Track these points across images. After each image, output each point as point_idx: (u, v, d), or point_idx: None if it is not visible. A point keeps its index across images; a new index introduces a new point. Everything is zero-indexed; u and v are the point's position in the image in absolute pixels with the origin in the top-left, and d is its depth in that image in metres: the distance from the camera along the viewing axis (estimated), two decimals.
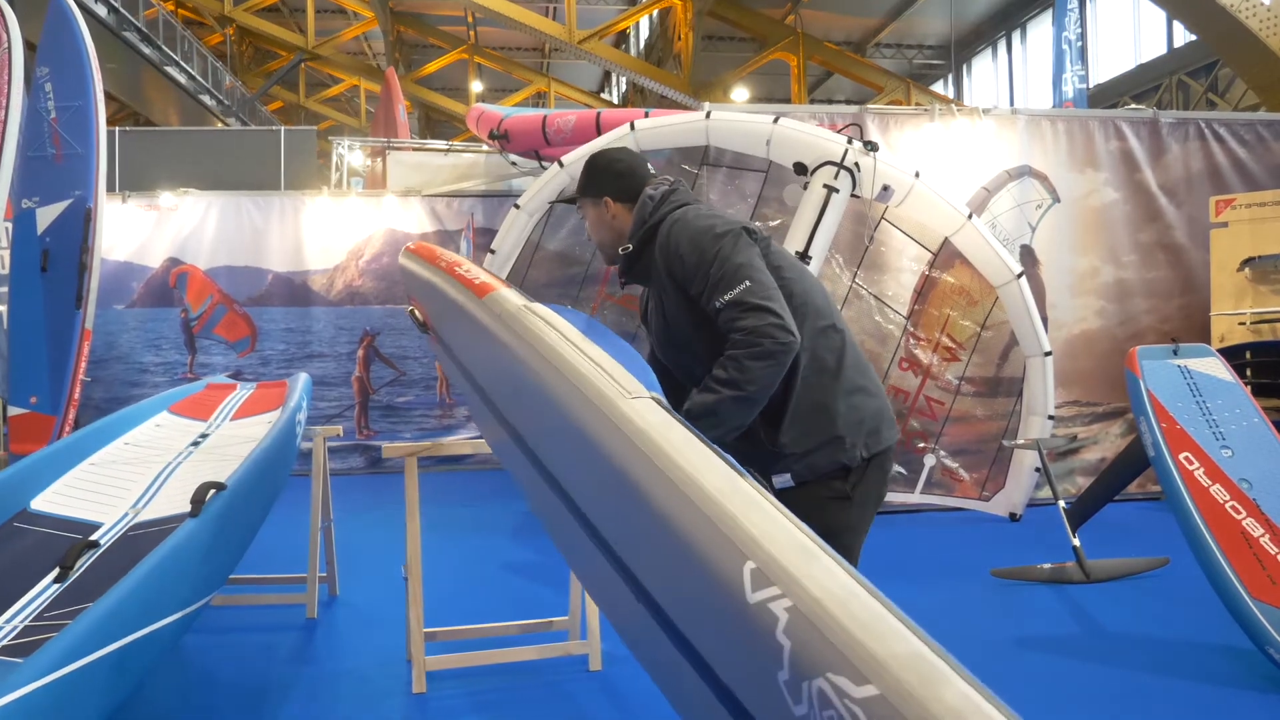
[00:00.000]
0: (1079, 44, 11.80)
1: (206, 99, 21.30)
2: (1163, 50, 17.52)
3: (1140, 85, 17.71)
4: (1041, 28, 21.28)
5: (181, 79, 19.92)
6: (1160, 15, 16.80)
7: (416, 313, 2.74)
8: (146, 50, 18.15)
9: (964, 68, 24.81)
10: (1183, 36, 16.65)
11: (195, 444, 3.80)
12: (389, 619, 4.03)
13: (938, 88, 24.78)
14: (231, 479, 2.90)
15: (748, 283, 2.12)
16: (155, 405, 4.19)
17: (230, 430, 4.01)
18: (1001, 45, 23.29)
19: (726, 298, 2.11)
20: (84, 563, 2.72)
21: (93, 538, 2.89)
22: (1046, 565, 4.68)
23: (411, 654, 3.39)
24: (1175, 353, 4.36)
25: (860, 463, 2.21)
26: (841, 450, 2.20)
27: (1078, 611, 4.23)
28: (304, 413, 4.02)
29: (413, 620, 3.39)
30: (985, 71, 24.25)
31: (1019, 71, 22.66)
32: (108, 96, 6.19)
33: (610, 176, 2.41)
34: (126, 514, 3.12)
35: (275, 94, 27.63)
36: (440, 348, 2.69)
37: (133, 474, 3.45)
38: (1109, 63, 18.96)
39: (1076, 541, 4.63)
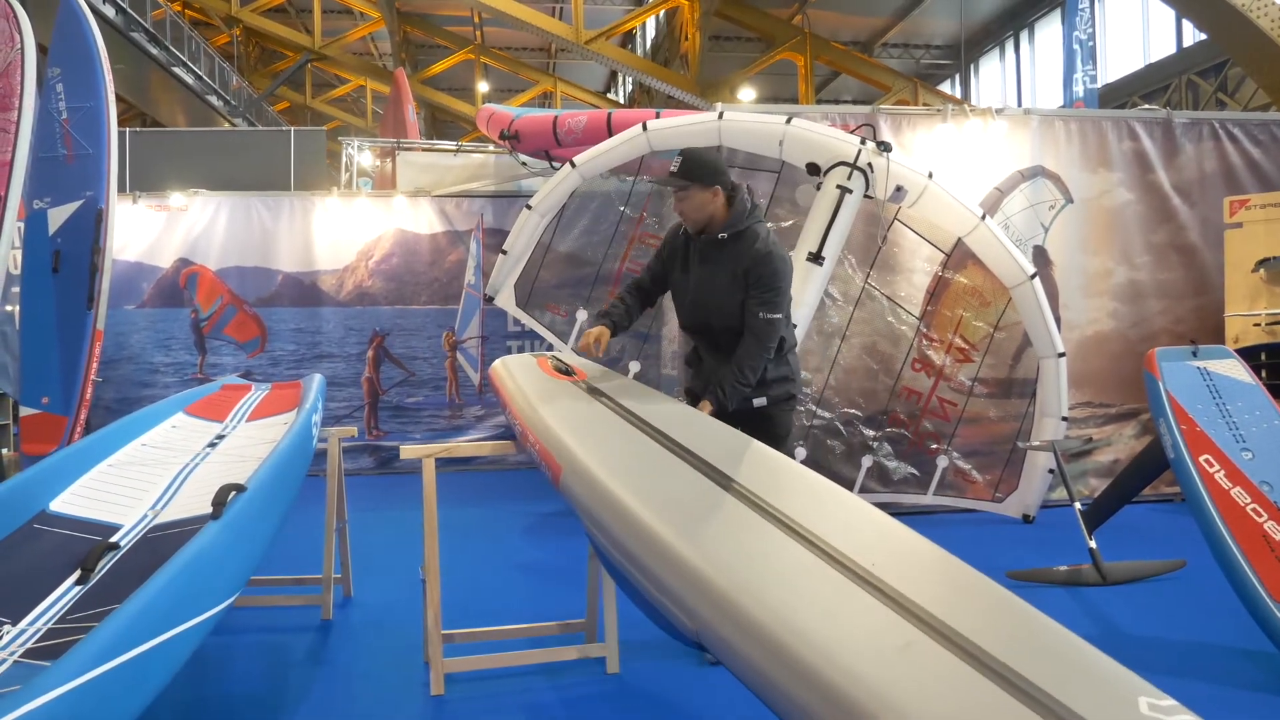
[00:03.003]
0: (1090, 43, 11.74)
1: (213, 99, 21.34)
2: (1172, 50, 17.45)
3: (1149, 85, 17.62)
4: (1050, 28, 21.21)
5: (189, 79, 19.96)
6: (1169, 15, 16.73)
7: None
8: (154, 51, 18.19)
9: (972, 68, 24.74)
10: (1192, 36, 16.57)
11: (212, 445, 3.79)
12: (405, 620, 4.03)
13: (945, 88, 24.71)
14: (251, 480, 2.89)
15: (782, 314, 3.39)
16: (171, 406, 4.17)
17: (247, 431, 3.99)
18: (1009, 45, 23.20)
19: (772, 315, 3.35)
20: (105, 564, 2.71)
21: (113, 539, 2.88)
22: (1063, 567, 4.66)
23: (429, 656, 3.38)
24: (1194, 354, 4.33)
25: (798, 394, 3.62)
26: (792, 384, 3.57)
27: (1094, 614, 4.21)
28: (319, 414, 4.01)
29: (430, 622, 3.38)
30: (993, 71, 24.15)
31: (1027, 71, 22.57)
32: (115, 97, 6.19)
33: (719, 172, 3.41)
34: (146, 515, 3.11)
35: (281, 94, 27.69)
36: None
37: (151, 475, 3.43)
38: (1117, 62, 18.89)
39: (1093, 543, 4.61)
